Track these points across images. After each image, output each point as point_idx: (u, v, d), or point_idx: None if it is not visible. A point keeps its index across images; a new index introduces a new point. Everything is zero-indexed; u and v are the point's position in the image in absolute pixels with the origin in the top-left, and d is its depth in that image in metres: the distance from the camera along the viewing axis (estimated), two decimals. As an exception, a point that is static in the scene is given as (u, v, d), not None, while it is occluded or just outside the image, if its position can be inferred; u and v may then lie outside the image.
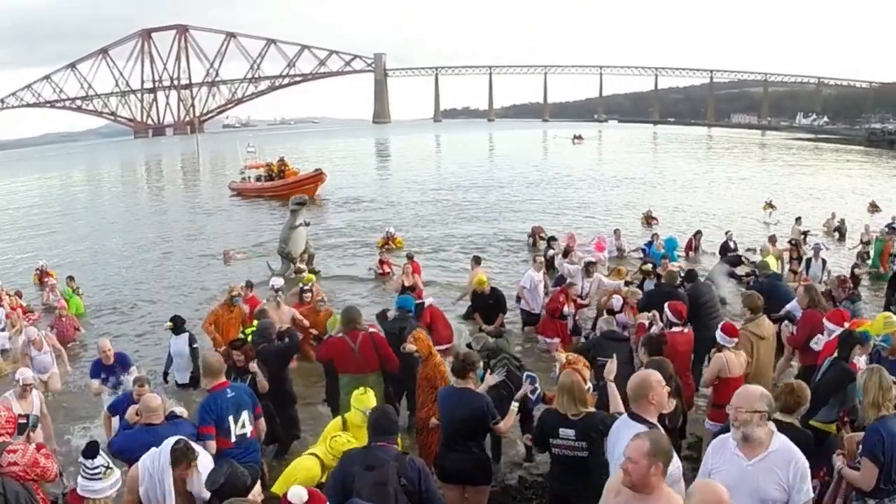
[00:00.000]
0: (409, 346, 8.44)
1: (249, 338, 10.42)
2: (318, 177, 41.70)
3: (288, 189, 38.96)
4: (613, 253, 21.01)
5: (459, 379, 6.89)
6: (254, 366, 8.69)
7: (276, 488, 6.13)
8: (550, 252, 19.01)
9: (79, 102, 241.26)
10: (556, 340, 12.61)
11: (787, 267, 17.21)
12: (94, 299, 19.71)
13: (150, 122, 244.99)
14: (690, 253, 21.25)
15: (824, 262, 17.06)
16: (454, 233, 28.04)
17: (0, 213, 46.03)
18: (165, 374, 12.46)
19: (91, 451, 5.37)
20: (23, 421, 6.64)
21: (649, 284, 13.52)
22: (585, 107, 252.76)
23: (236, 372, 8.69)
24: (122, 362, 10.59)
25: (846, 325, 8.56)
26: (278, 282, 14.06)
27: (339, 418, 6.83)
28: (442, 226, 29.93)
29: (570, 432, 5.92)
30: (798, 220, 24.53)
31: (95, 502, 5.36)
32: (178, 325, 12.29)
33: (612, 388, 6.19)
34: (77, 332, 16.17)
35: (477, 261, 16.34)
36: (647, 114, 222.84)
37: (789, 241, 19.38)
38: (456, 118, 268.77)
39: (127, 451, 6.28)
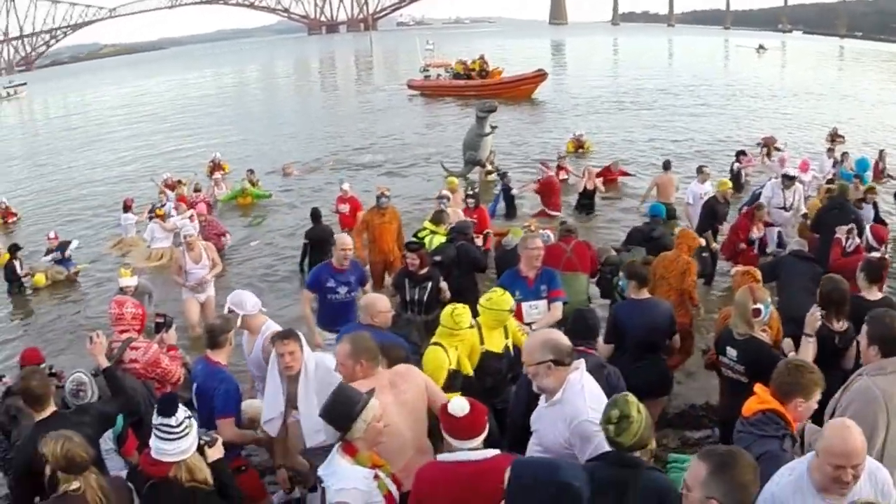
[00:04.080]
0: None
1: (426, 241, 10.28)
2: (539, 76, 39.72)
3: (502, 88, 37.84)
4: (820, 177, 17.56)
5: (641, 288, 6.94)
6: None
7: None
8: (737, 166, 18.17)
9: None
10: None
11: None
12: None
13: (323, 18, 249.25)
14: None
15: None
16: (637, 138, 26.78)
17: (174, 106, 48.01)
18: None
19: (169, 407, 4.36)
20: (160, 320, 6.78)
21: (868, 209, 12.42)
22: (768, 16, 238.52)
23: (410, 278, 8.50)
24: (357, 273, 8.74)
25: None
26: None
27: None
28: (624, 131, 28.45)
29: (734, 353, 5.80)
30: None
31: (180, 465, 4.32)
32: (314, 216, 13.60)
33: (808, 344, 5.60)
34: (223, 240, 15.24)
35: (666, 166, 16.66)
36: (833, 26, 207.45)
37: None
38: (635, 22, 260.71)
39: None
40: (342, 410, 4.14)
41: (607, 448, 4.01)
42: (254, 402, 6.32)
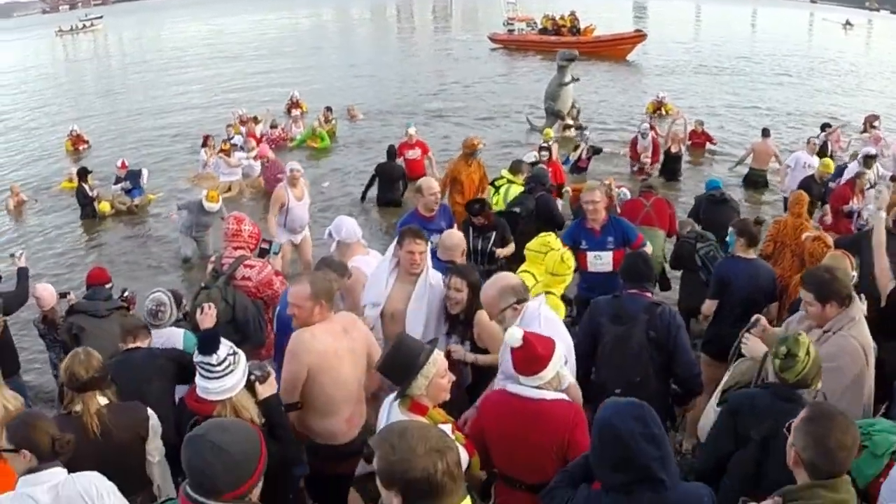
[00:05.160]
0: None
1: (503, 190, 10.29)
2: (638, 37, 38.99)
3: (598, 46, 37.05)
4: None
5: (750, 247, 6.75)
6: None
7: None
8: (822, 136, 17.23)
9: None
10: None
11: None
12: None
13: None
14: None
15: None
16: (717, 104, 26.01)
17: (249, 46, 48.29)
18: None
19: (210, 345, 4.10)
20: (265, 246, 6.96)
21: None
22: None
23: (474, 227, 8.43)
24: (447, 218, 8.42)
25: None
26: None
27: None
28: (705, 97, 27.59)
29: None
30: None
31: (224, 404, 4.08)
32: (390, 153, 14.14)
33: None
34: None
35: (765, 133, 16.34)
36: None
37: None
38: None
39: None
40: (403, 363, 3.80)
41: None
42: None
